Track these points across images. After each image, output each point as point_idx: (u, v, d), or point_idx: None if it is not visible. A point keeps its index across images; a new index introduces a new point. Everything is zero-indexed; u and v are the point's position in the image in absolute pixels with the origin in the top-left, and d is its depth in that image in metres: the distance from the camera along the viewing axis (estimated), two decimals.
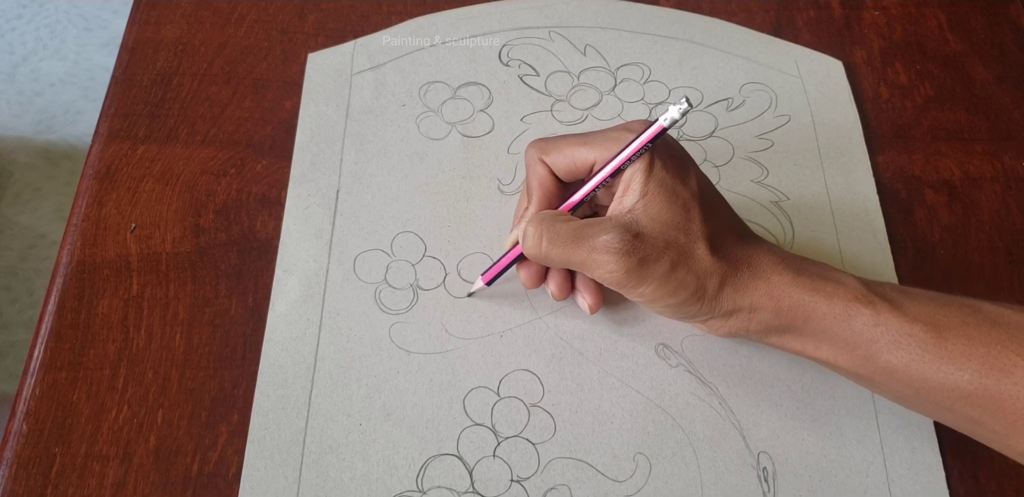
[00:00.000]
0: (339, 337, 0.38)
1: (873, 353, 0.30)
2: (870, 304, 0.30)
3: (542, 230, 0.33)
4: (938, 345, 0.28)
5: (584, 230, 0.32)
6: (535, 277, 0.36)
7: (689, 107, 0.30)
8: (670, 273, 0.31)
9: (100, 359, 0.37)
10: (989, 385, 0.27)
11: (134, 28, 0.47)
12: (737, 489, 0.35)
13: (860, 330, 0.30)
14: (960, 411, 0.29)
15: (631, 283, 0.31)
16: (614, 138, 0.32)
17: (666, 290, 0.31)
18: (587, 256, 0.31)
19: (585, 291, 0.36)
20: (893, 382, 0.30)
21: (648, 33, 0.48)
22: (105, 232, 0.40)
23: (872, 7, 0.51)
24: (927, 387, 0.29)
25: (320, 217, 0.41)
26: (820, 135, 0.45)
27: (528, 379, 0.37)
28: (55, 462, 0.35)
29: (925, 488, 0.35)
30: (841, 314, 0.30)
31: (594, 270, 0.31)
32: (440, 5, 0.49)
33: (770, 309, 0.31)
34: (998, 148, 0.45)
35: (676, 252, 0.31)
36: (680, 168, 0.32)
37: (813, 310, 0.30)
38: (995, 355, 0.27)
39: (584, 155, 0.33)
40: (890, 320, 0.29)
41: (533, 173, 0.35)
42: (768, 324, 0.31)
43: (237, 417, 0.36)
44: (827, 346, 0.31)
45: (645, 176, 0.31)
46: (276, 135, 0.44)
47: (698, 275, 0.31)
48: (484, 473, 0.35)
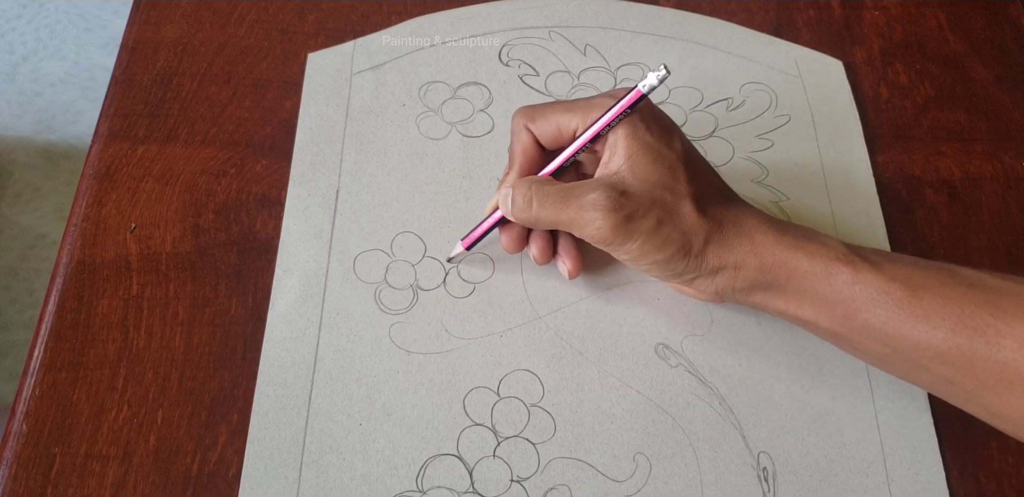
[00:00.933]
0: (339, 337, 0.38)
1: (852, 311, 0.30)
2: (850, 263, 0.30)
3: (531, 192, 0.33)
4: (914, 304, 0.29)
5: (572, 190, 0.32)
6: (516, 241, 0.37)
7: (667, 74, 0.31)
8: (656, 229, 0.31)
9: (100, 359, 0.37)
10: (962, 343, 0.28)
11: (134, 28, 0.47)
12: (737, 489, 0.35)
13: (839, 288, 0.30)
14: (934, 370, 0.29)
15: (618, 239, 0.31)
16: (597, 105, 0.33)
17: (652, 245, 0.31)
18: (575, 214, 0.32)
19: (566, 255, 0.37)
20: (870, 340, 0.30)
21: (648, 33, 0.48)
22: (105, 232, 0.40)
23: (872, 7, 0.51)
24: (902, 345, 0.29)
25: (320, 217, 0.41)
26: (820, 135, 0.45)
27: (528, 379, 0.37)
28: (55, 462, 0.35)
29: (925, 488, 0.36)
30: (822, 272, 0.31)
31: (583, 228, 0.32)
32: (440, 5, 0.49)
33: (754, 266, 0.32)
34: (998, 148, 0.45)
35: (662, 209, 0.31)
36: (665, 132, 0.33)
37: (795, 267, 0.31)
38: (969, 314, 0.28)
39: (567, 121, 0.34)
40: (868, 278, 0.30)
41: (517, 140, 0.35)
42: (753, 281, 0.32)
43: (237, 417, 0.36)
44: (808, 304, 0.32)
45: (630, 139, 0.32)
46: (276, 135, 0.44)
47: (684, 232, 0.32)
48: (484, 473, 0.35)
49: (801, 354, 0.38)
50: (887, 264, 0.30)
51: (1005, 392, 0.28)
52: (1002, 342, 0.27)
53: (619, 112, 0.32)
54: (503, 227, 0.37)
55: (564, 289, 0.39)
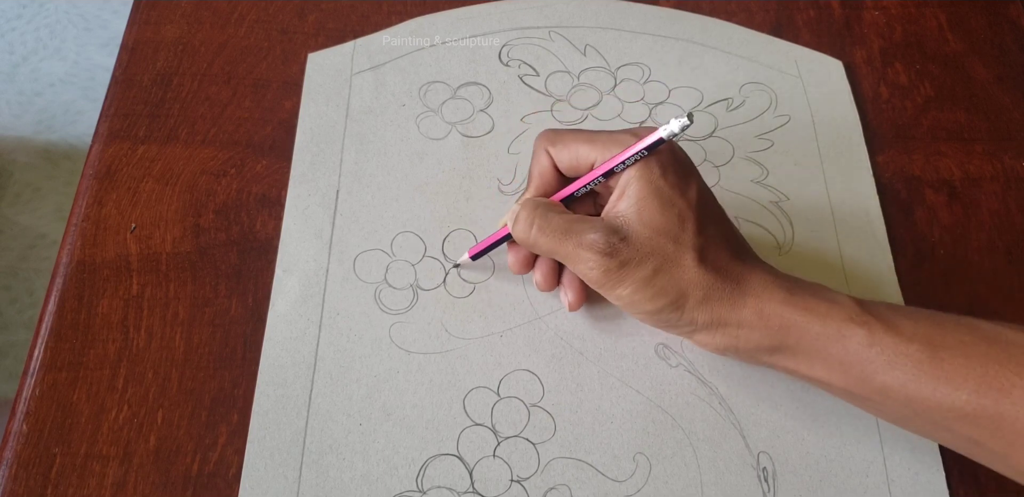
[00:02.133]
0: (339, 337, 0.38)
1: (868, 373, 0.29)
2: (864, 324, 0.29)
3: (535, 217, 0.33)
4: (934, 365, 0.28)
5: (574, 225, 0.32)
6: (523, 263, 0.36)
7: (689, 123, 0.30)
8: (651, 279, 0.31)
9: (100, 359, 0.37)
10: (987, 405, 0.27)
11: (134, 28, 0.47)
12: (737, 489, 0.35)
13: (854, 350, 0.29)
14: (958, 431, 0.28)
15: (609, 284, 0.31)
16: (618, 141, 0.32)
17: (644, 295, 0.31)
18: (572, 251, 0.32)
19: (568, 287, 0.36)
20: (890, 402, 0.29)
21: (648, 33, 0.48)
22: (105, 232, 0.40)
23: (872, 7, 0.51)
24: (924, 407, 0.28)
25: (320, 217, 0.41)
26: (820, 135, 0.45)
27: (528, 379, 0.37)
28: (55, 462, 0.35)
29: (925, 488, 0.36)
30: (835, 334, 0.30)
31: (576, 265, 0.32)
32: (440, 5, 0.49)
33: (759, 327, 0.31)
34: (998, 148, 0.45)
35: (661, 259, 0.31)
36: (682, 178, 0.32)
37: (806, 330, 0.30)
38: (992, 375, 0.27)
39: (586, 153, 0.33)
40: (885, 340, 0.29)
41: (536, 162, 0.35)
42: (758, 343, 0.31)
43: (237, 417, 0.36)
44: (821, 366, 0.30)
45: (642, 182, 0.31)
46: (276, 135, 0.44)
47: (680, 284, 0.31)
48: (484, 473, 0.35)
49: None
50: (902, 322, 0.29)
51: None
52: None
53: (632, 153, 0.31)
54: (512, 246, 0.36)
55: None
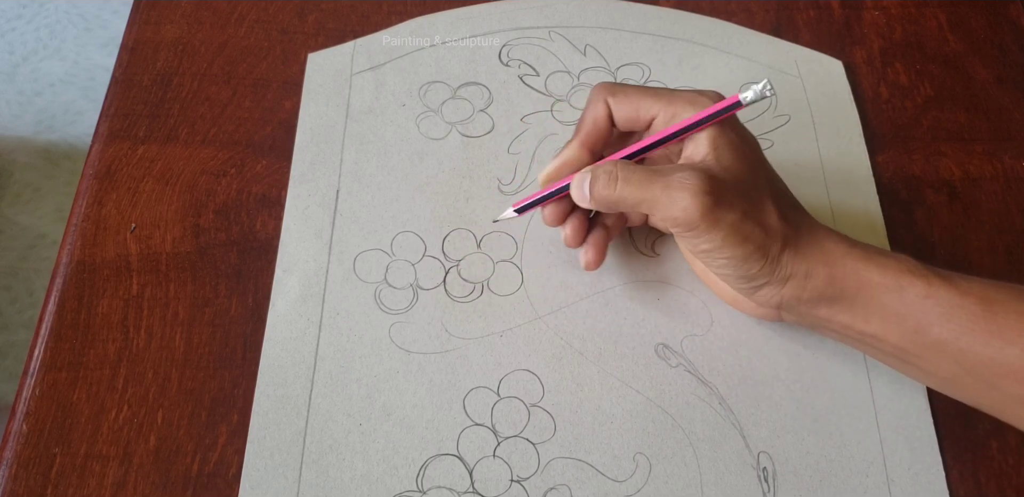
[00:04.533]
0: (339, 337, 0.38)
1: (923, 326, 0.29)
2: (923, 276, 0.30)
3: (616, 170, 0.32)
4: (989, 319, 0.28)
5: (659, 169, 0.31)
6: (559, 217, 0.36)
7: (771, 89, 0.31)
8: (742, 222, 0.30)
9: (100, 359, 0.37)
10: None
11: (134, 28, 0.47)
12: (737, 489, 0.35)
13: (911, 301, 0.29)
14: (1006, 389, 0.28)
15: (704, 224, 0.30)
16: (684, 98, 0.32)
17: (735, 240, 0.30)
18: (661, 193, 0.30)
19: (592, 246, 0.36)
20: (941, 358, 0.30)
21: (648, 33, 0.48)
22: (105, 232, 0.40)
23: (872, 7, 0.51)
24: (975, 362, 0.29)
25: (320, 217, 0.41)
26: (820, 135, 0.45)
27: (528, 379, 0.37)
28: (55, 462, 0.35)
29: (925, 488, 0.36)
30: (893, 285, 0.30)
31: (668, 208, 0.30)
32: (440, 5, 0.49)
33: (824, 276, 0.31)
34: (998, 148, 0.45)
35: (748, 203, 0.31)
36: (747, 137, 0.33)
37: (866, 279, 0.30)
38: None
39: (648, 106, 0.33)
40: (941, 292, 0.29)
41: (591, 109, 0.34)
42: (820, 292, 0.31)
43: (237, 417, 0.36)
44: (876, 318, 0.31)
45: (716, 134, 0.31)
46: (276, 135, 0.44)
47: (765, 230, 0.31)
48: (484, 473, 0.35)
49: (801, 354, 0.38)
50: (959, 279, 0.30)
51: None
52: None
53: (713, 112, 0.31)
54: (551, 200, 0.36)
55: (564, 289, 0.39)
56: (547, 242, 0.41)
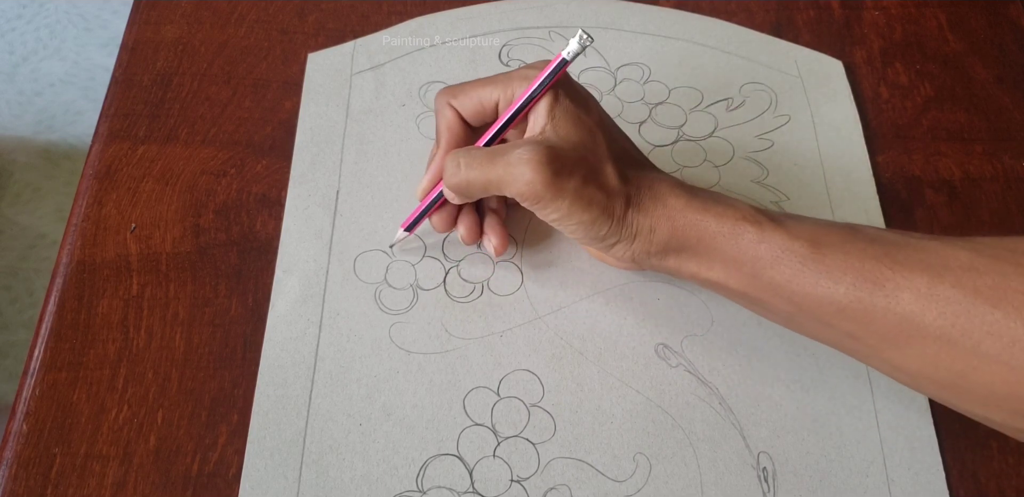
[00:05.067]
0: (339, 337, 0.38)
1: (758, 270, 0.31)
2: (756, 223, 0.31)
3: (458, 157, 0.33)
4: (817, 260, 0.29)
5: (499, 149, 0.33)
6: (447, 221, 0.37)
7: (590, 39, 0.31)
8: (583, 187, 0.32)
9: (100, 359, 0.37)
10: (862, 298, 0.28)
11: (134, 28, 0.47)
12: (737, 489, 0.35)
13: (746, 248, 0.31)
14: (837, 326, 0.30)
15: (549, 195, 0.31)
16: (516, 76, 0.34)
17: (580, 205, 0.32)
18: (504, 171, 0.32)
19: (491, 233, 0.38)
20: (777, 299, 0.31)
21: (648, 33, 0.48)
22: (105, 232, 0.40)
23: (872, 7, 0.51)
24: (807, 302, 0.30)
25: (320, 217, 0.41)
26: (820, 135, 0.45)
27: (528, 379, 0.37)
28: (55, 462, 0.35)
29: (925, 488, 0.36)
30: (729, 232, 0.31)
31: (512, 184, 0.32)
32: (440, 5, 0.49)
33: (667, 229, 0.32)
34: (998, 148, 0.45)
35: (586, 169, 0.32)
36: (583, 100, 0.34)
37: (704, 229, 0.32)
38: (869, 269, 0.28)
39: (488, 94, 0.34)
40: (773, 237, 0.30)
41: (442, 118, 0.36)
42: (666, 244, 0.33)
43: (237, 417, 0.36)
44: (718, 265, 0.32)
45: (552, 104, 0.33)
46: (276, 135, 0.44)
47: (607, 192, 0.32)
48: (484, 473, 0.35)
49: (801, 354, 0.38)
50: (792, 223, 0.31)
51: (904, 345, 0.28)
52: (900, 295, 0.27)
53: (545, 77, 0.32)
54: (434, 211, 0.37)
55: (564, 289, 0.39)
56: (547, 242, 0.41)
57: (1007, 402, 0.26)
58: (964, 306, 0.26)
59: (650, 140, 0.44)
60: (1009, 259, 0.27)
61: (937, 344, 0.27)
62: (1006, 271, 0.26)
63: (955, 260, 0.27)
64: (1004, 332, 0.26)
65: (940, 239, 0.29)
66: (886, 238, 0.30)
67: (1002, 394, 0.26)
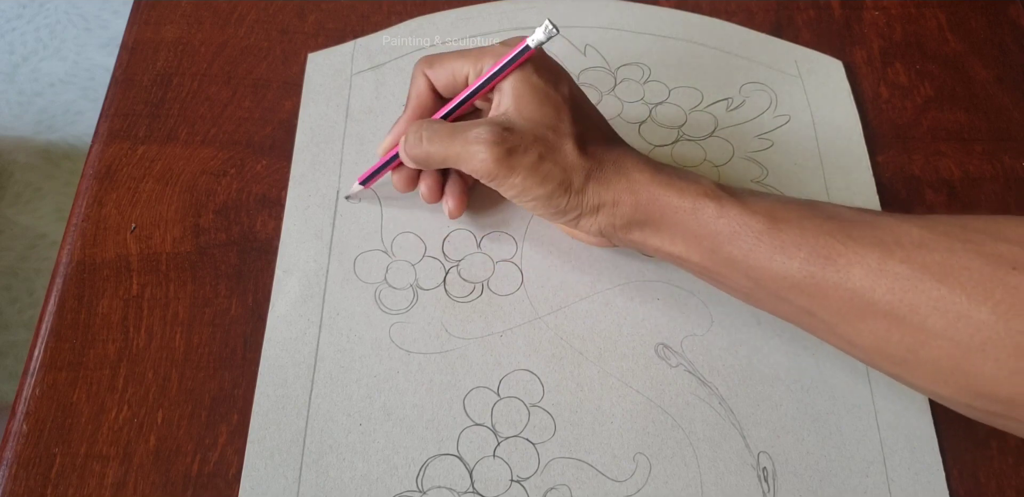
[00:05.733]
0: (339, 337, 0.38)
1: (717, 245, 0.31)
2: (716, 199, 0.31)
3: (421, 130, 0.35)
4: (773, 235, 0.30)
5: (460, 126, 0.34)
6: (407, 181, 0.38)
7: (555, 30, 0.32)
8: (538, 164, 0.33)
9: (100, 359, 0.37)
10: (815, 272, 0.29)
11: (134, 28, 0.47)
12: (737, 489, 0.35)
13: (705, 222, 0.31)
14: (793, 301, 0.30)
15: (502, 172, 0.33)
16: (490, 52, 0.34)
17: (534, 180, 0.33)
18: (461, 148, 0.33)
19: (450, 195, 0.39)
20: (735, 274, 0.31)
21: (648, 33, 0.48)
22: (105, 232, 0.40)
23: (872, 7, 0.51)
24: (763, 277, 0.30)
25: (320, 217, 0.41)
26: (820, 135, 0.45)
27: (528, 379, 0.37)
28: (55, 462, 0.35)
29: (925, 488, 0.36)
30: (690, 208, 0.32)
31: (468, 161, 0.33)
32: (440, 5, 0.49)
33: (630, 203, 0.33)
34: (998, 148, 0.45)
35: (544, 146, 0.33)
36: (552, 76, 0.34)
37: (666, 203, 0.32)
38: (823, 244, 0.29)
39: (460, 67, 0.35)
40: (732, 213, 0.31)
41: (414, 85, 0.37)
42: (629, 218, 0.33)
43: (237, 417, 0.36)
44: (680, 240, 0.33)
45: (518, 81, 0.33)
46: (276, 135, 0.44)
47: (564, 168, 0.33)
48: (484, 473, 0.35)
49: (801, 354, 0.38)
50: (752, 199, 0.31)
51: (857, 320, 0.28)
52: (852, 270, 0.28)
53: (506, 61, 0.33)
54: (396, 168, 0.38)
55: (564, 289, 0.39)
56: (547, 242, 0.41)
57: (953, 377, 0.27)
58: (912, 282, 0.27)
59: (650, 140, 0.44)
60: (959, 236, 0.27)
61: (887, 320, 0.27)
62: (955, 247, 0.27)
63: (907, 236, 0.28)
64: (950, 308, 0.26)
65: (896, 216, 0.29)
66: (843, 214, 0.30)
67: (948, 369, 0.27)
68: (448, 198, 0.39)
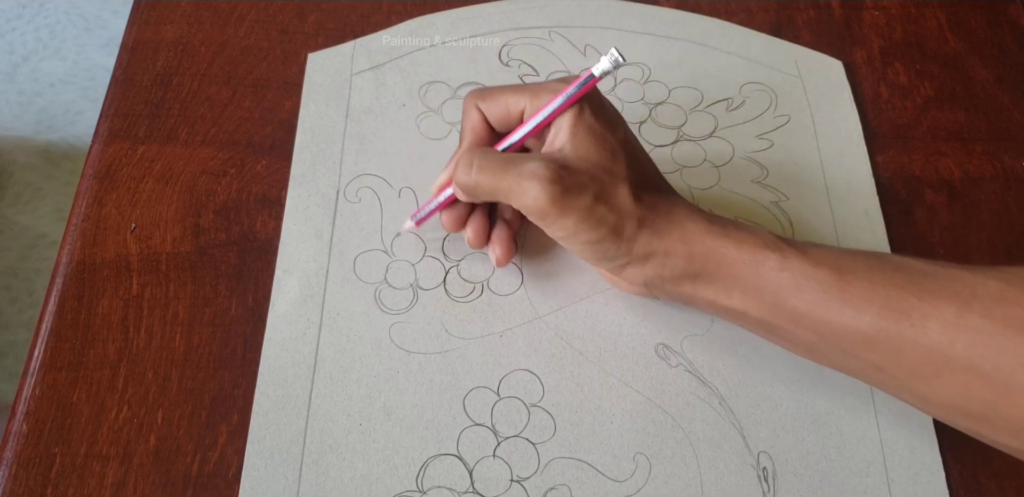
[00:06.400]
0: (339, 337, 0.38)
1: (780, 299, 0.30)
2: (778, 250, 0.30)
3: (473, 157, 0.33)
4: (841, 289, 0.29)
5: (514, 159, 0.32)
6: (456, 221, 0.37)
7: (621, 59, 0.31)
8: (592, 207, 0.31)
9: (100, 359, 0.37)
10: (888, 327, 0.28)
11: (134, 28, 0.47)
12: (737, 489, 0.35)
13: (767, 275, 0.30)
14: (862, 356, 0.29)
15: (554, 212, 0.31)
16: (548, 88, 0.33)
17: (587, 224, 0.31)
18: (514, 183, 0.31)
19: (497, 242, 0.37)
20: (799, 328, 0.30)
21: (648, 33, 0.48)
22: (105, 232, 0.40)
23: (872, 7, 0.51)
24: (830, 331, 0.29)
25: (320, 217, 0.41)
26: (820, 135, 0.45)
27: (528, 379, 0.37)
28: (55, 462, 0.35)
29: (925, 488, 0.36)
30: (750, 260, 0.31)
31: (520, 197, 0.32)
32: (440, 5, 0.49)
33: (683, 254, 0.32)
34: (998, 148, 0.45)
35: (600, 188, 0.31)
36: (609, 119, 0.33)
37: (723, 255, 0.31)
38: (895, 297, 0.28)
39: (516, 102, 0.34)
40: (795, 265, 0.30)
41: (467, 119, 0.36)
42: (682, 269, 0.32)
43: (237, 417, 0.36)
44: (737, 293, 0.31)
45: (575, 120, 0.32)
46: (276, 135, 0.44)
47: (619, 213, 0.32)
48: (484, 473, 0.35)
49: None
50: (814, 250, 0.30)
51: (932, 377, 0.27)
52: (928, 325, 0.27)
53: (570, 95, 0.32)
54: (446, 205, 0.37)
55: (564, 289, 0.39)
56: (547, 242, 0.41)
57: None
58: (994, 337, 0.26)
59: (650, 140, 0.44)
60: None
61: (967, 376, 0.26)
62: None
63: (984, 289, 0.27)
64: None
65: (968, 268, 0.28)
66: (912, 266, 0.29)
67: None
68: (495, 245, 0.37)
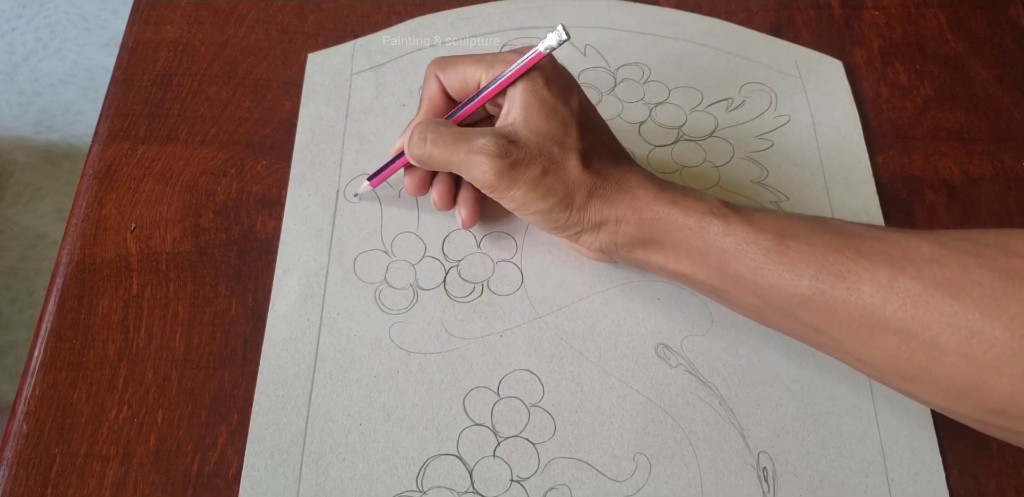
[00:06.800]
0: (339, 337, 0.38)
1: (723, 262, 0.31)
2: (722, 217, 0.31)
3: (427, 131, 0.34)
4: (781, 252, 0.30)
5: (465, 133, 0.33)
6: (419, 184, 0.38)
7: (566, 37, 0.32)
8: (540, 179, 0.32)
9: (100, 359, 0.37)
10: (825, 290, 0.28)
11: (134, 28, 0.47)
12: (737, 489, 0.35)
13: (712, 240, 0.31)
14: (801, 318, 0.30)
15: (502, 185, 0.32)
16: (503, 59, 0.34)
17: (535, 195, 0.32)
18: (464, 157, 0.33)
19: (463, 204, 0.38)
20: (742, 291, 0.31)
21: (648, 33, 0.48)
22: (105, 232, 0.40)
23: (872, 7, 0.51)
24: (771, 294, 0.30)
25: (320, 217, 0.41)
26: (820, 135, 0.45)
27: (528, 379, 0.37)
28: (55, 462, 0.35)
29: (925, 488, 0.36)
30: (695, 226, 0.32)
31: (470, 170, 0.33)
32: (440, 5, 0.49)
33: (633, 221, 0.33)
34: (998, 148, 0.45)
35: (548, 160, 0.32)
36: (564, 89, 0.34)
37: (671, 222, 0.32)
38: (831, 261, 0.28)
39: (473, 72, 0.35)
40: (738, 230, 0.31)
41: (426, 87, 0.37)
42: (632, 236, 0.33)
43: (237, 417, 0.36)
44: (685, 258, 0.32)
45: (527, 93, 0.33)
46: (276, 135, 0.44)
47: (567, 183, 0.33)
48: (484, 473, 0.35)
49: (801, 354, 0.38)
50: (758, 216, 0.31)
51: (867, 338, 0.28)
52: (862, 287, 0.27)
53: (519, 71, 0.33)
54: (408, 170, 0.38)
55: (564, 289, 0.39)
56: (547, 242, 0.41)
57: (966, 394, 0.26)
58: (924, 298, 0.26)
59: (650, 140, 0.44)
60: (971, 251, 0.27)
61: (898, 336, 0.27)
62: (967, 263, 0.26)
63: (917, 252, 0.27)
64: (963, 324, 0.26)
65: (904, 231, 0.29)
66: (850, 230, 0.30)
67: (961, 386, 0.26)
68: (460, 207, 0.38)
